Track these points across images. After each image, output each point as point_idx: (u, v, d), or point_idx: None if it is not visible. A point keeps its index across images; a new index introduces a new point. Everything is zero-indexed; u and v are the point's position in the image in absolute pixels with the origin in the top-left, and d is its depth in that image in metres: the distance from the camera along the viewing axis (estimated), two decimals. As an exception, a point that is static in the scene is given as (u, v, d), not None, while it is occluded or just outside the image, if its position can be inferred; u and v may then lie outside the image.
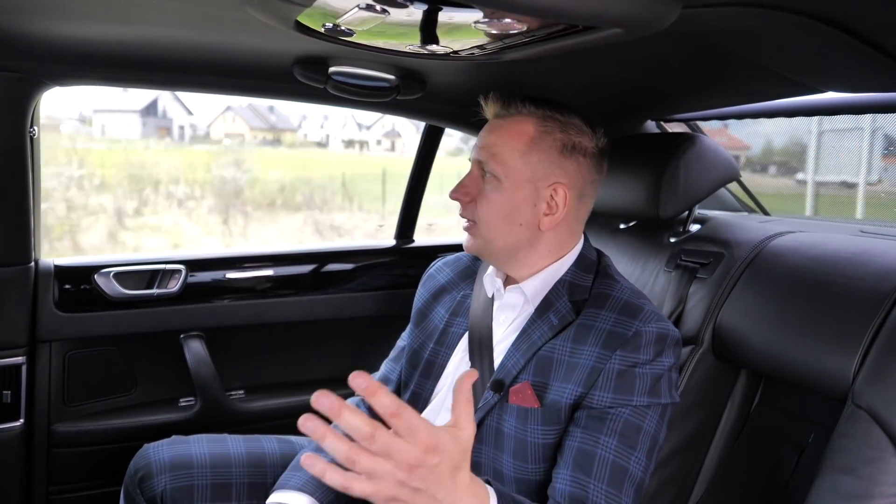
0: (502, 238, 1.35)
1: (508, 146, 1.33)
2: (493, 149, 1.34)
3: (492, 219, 1.34)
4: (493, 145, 1.34)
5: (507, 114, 1.37)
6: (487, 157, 1.34)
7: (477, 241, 1.37)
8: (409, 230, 2.54)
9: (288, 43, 1.46)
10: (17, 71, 1.64)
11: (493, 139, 1.35)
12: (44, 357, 1.94)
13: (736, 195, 2.16)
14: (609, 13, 0.92)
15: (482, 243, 1.37)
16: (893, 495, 1.07)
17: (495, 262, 1.41)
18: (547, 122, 1.34)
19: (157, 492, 1.40)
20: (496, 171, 1.33)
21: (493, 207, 1.34)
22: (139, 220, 7.88)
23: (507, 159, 1.33)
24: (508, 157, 1.33)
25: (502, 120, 1.37)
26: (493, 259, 1.41)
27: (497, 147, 1.34)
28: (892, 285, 1.26)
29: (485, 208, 1.34)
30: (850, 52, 1.05)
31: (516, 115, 1.36)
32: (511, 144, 1.33)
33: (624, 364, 1.22)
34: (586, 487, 1.17)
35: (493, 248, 1.37)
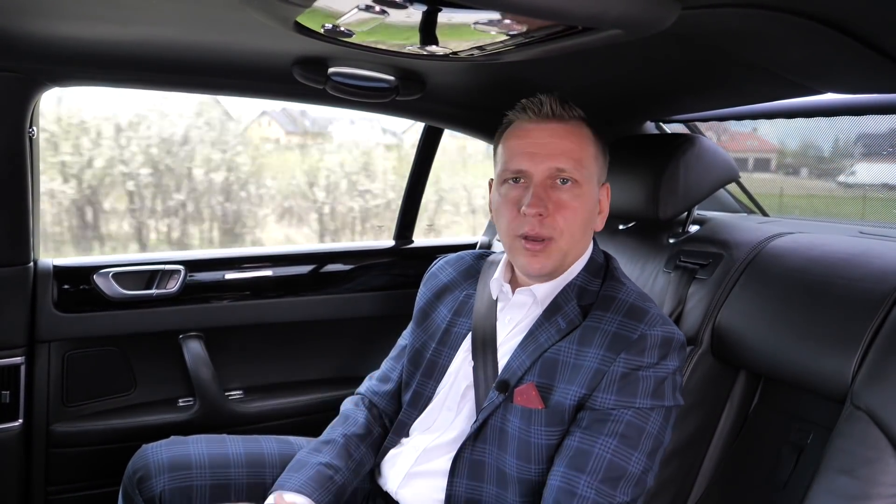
0: (578, 247, 1.34)
1: (586, 151, 1.31)
2: (574, 154, 1.30)
3: (575, 228, 1.30)
4: (572, 150, 1.30)
5: (568, 116, 1.33)
6: (572, 164, 1.29)
7: (554, 258, 1.31)
8: (408, 231, 2.55)
9: (287, 43, 1.46)
10: (16, 71, 1.64)
11: (569, 144, 1.30)
12: (42, 357, 1.94)
13: (735, 196, 2.16)
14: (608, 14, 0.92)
15: (560, 258, 1.31)
16: (892, 496, 1.07)
17: (552, 275, 1.35)
18: (590, 126, 1.35)
19: (155, 492, 1.40)
20: (580, 177, 1.29)
21: (577, 216, 1.30)
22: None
23: (587, 163, 1.31)
24: (587, 160, 1.31)
25: (564, 124, 1.32)
26: (556, 272, 1.35)
27: (577, 153, 1.30)
28: (891, 286, 1.26)
29: (569, 218, 1.29)
30: (849, 53, 1.05)
31: (574, 119, 1.33)
32: (587, 149, 1.32)
33: (628, 367, 1.22)
34: (576, 482, 1.17)
35: (566, 261, 1.33)
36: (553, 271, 1.33)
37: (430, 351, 1.48)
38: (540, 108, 1.32)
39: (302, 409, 2.23)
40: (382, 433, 1.53)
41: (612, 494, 1.17)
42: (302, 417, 2.22)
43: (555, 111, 1.31)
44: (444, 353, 1.46)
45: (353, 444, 1.47)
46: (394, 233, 2.55)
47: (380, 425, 1.55)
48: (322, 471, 1.38)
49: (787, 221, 1.82)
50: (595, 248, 1.41)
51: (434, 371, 1.45)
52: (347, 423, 1.53)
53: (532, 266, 1.31)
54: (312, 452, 1.44)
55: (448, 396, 1.41)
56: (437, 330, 1.49)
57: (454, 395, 1.40)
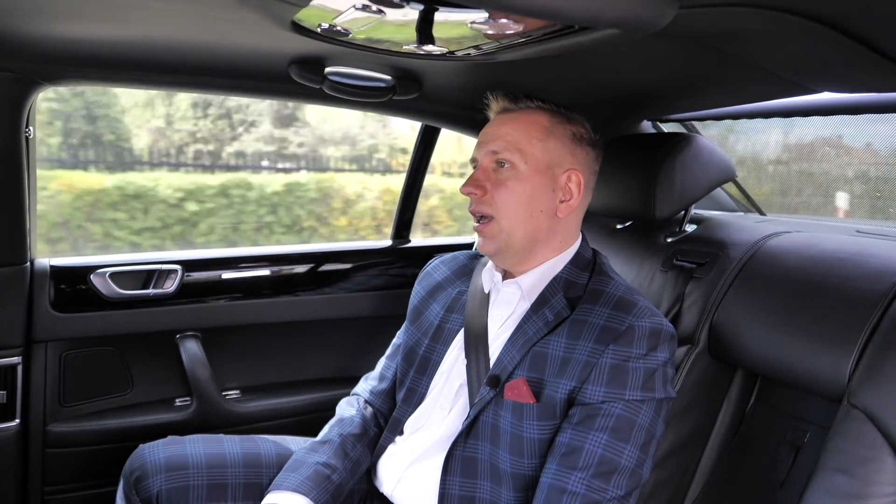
0: (523, 227, 1.35)
1: (525, 133, 1.35)
2: (509, 137, 1.35)
3: (512, 207, 1.34)
4: (507, 134, 1.35)
5: (516, 107, 1.39)
6: (504, 145, 1.34)
7: (496, 239, 1.35)
8: (405, 230, 2.55)
9: (284, 43, 1.46)
10: (11, 71, 1.63)
11: (506, 129, 1.36)
12: (39, 357, 1.93)
13: (732, 195, 2.16)
14: (605, 14, 0.92)
15: (503, 239, 1.35)
16: (888, 495, 1.07)
17: (512, 259, 1.39)
18: (555, 115, 1.38)
19: (152, 492, 1.40)
20: (514, 159, 1.33)
21: (512, 196, 1.34)
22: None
23: (526, 146, 1.34)
24: (526, 144, 1.34)
25: (512, 113, 1.39)
26: (511, 255, 1.38)
27: (513, 135, 1.35)
28: (887, 285, 1.26)
29: (504, 198, 1.34)
30: (846, 52, 1.06)
31: (526, 109, 1.39)
32: (528, 132, 1.35)
33: (616, 358, 1.22)
34: (567, 479, 1.18)
35: (514, 241, 1.35)
36: (499, 251, 1.37)
37: (423, 348, 1.48)
38: (495, 102, 1.42)
39: (299, 409, 2.23)
40: (378, 433, 1.53)
41: (605, 489, 1.17)
42: (299, 417, 2.22)
43: (503, 104, 1.41)
44: (437, 349, 1.46)
45: (350, 444, 1.47)
46: (391, 232, 2.55)
47: (375, 425, 1.55)
48: (319, 470, 1.38)
49: (784, 220, 1.82)
50: (583, 244, 1.43)
51: (427, 367, 1.46)
52: (343, 423, 1.53)
53: (480, 245, 1.39)
54: (309, 452, 1.44)
55: (441, 394, 1.42)
56: (430, 327, 1.50)
57: (447, 392, 1.41)
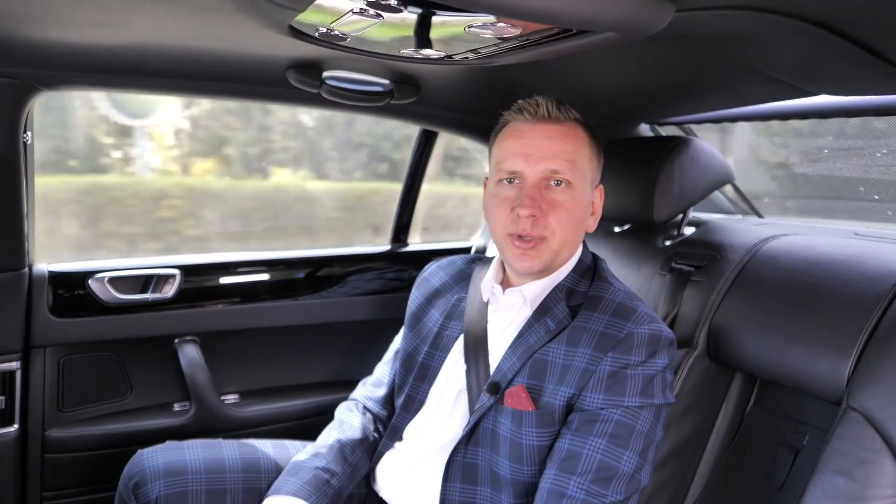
0: (570, 247, 1.35)
1: (581, 152, 1.32)
2: (569, 155, 1.30)
3: (568, 229, 1.31)
4: (567, 152, 1.31)
5: (563, 118, 1.34)
6: (566, 165, 1.30)
7: (544, 257, 1.32)
8: (403, 234, 2.55)
9: (282, 47, 1.46)
10: (10, 76, 1.63)
11: (564, 146, 1.31)
12: (38, 362, 1.93)
13: (730, 198, 2.16)
14: (603, 17, 0.92)
15: (550, 258, 1.32)
16: (888, 497, 1.07)
17: (544, 273, 1.37)
18: (587, 129, 1.37)
19: (151, 498, 1.40)
20: (574, 179, 1.30)
21: (570, 216, 1.31)
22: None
23: (582, 165, 1.32)
24: (582, 162, 1.32)
25: (559, 125, 1.33)
26: (546, 272, 1.36)
27: (570, 153, 1.31)
28: (885, 287, 1.26)
29: (562, 219, 1.30)
30: (843, 55, 1.06)
31: (569, 121, 1.34)
32: (582, 150, 1.33)
33: (615, 365, 1.22)
34: (566, 484, 1.17)
35: (558, 260, 1.34)
36: (543, 270, 1.34)
37: (423, 354, 1.48)
38: (536, 109, 1.33)
39: (298, 414, 2.23)
40: (377, 438, 1.53)
41: (604, 494, 1.17)
42: (298, 421, 2.22)
43: (551, 113, 1.32)
44: (436, 356, 1.46)
45: (349, 449, 1.47)
46: (390, 236, 2.55)
47: (374, 430, 1.55)
48: (318, 475, 1.38)
49: (783, 223, 1.82)
50: (584, 250, 1.42)
51: (426, 374, 1.45)
52: (342, 427, 1.53)
53: (522, 264, 1.32)
54: (308, 457, 1.44)
55: (441, 401, 1.41)
56: (429, 333, 1.49)
57: (447, 399, 1.40)
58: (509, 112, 1.38)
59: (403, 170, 2.48)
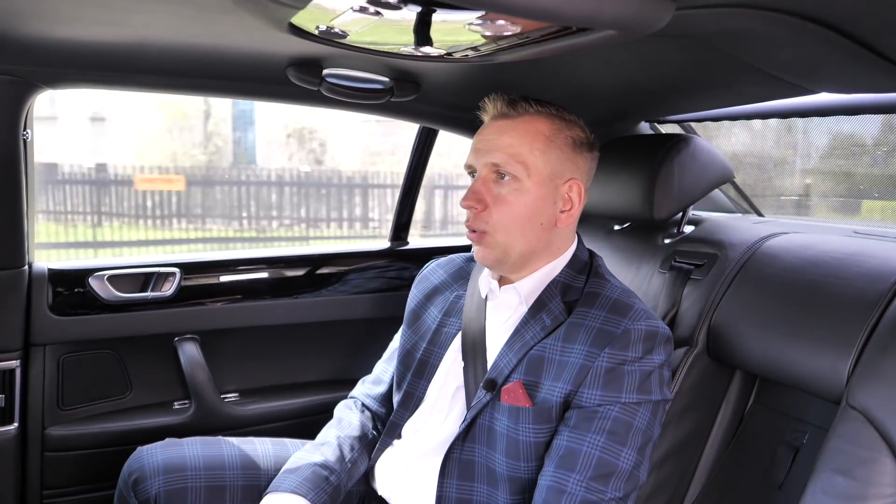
0: (522, 241, 1.33)
1: (528, 145, 1.31)
2: (512, 149, 1.30)
3: (512, 223, 1.31)
4: (510, 145, 1.31)
5: (516, 113, 1.34)
6: (506, 158, 1.30)
7: (494, 250, 1.33)
8: (403, 232, 2.55)
9: (281, 45, 1.46)
10: (10, 74, 1.63)
11: (507, 139, 1.31)
12: (38, 361, 1.93)
13: (730, 196, 2.16)
14: (603, 15, 0.92)
15: (500, 252, 1.33)
16: (888, 496, 1.07)
17: (510, 269, 1.38)
18: (554, 120, 1.35)
19: (150, 495, 1.40)
20: (517, 172, 1.30)
21: (513, 211, 1.31)
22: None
23: (528, 159, 1.30)
24: (529, 156, 1.31)
25: (511, 120, 1.33)
26: (508, 266, 1.37)
27: (515, 146, 1.30)
28: (885, 286, 1.26)
29: (503, 213, 1.31)
30: (843, 52, 1.06)
31: (525, 115, 1.33)
32: (530, 143, 1.31)
33: (612, 362, 1.22)
34: (566, 481, 1.18)
35: (512, 254, 1.34)
36: (496, 263, 1.35)
37: (421, 351, 1.48)
38: (492, 105, 1.36)
39: (297, 412, 2.23)
40: (376, 435, 1.53)
41: (604, 490, 1.17)
42: (297, 420, 2.22)
43: (500, 109, 1.35)
44: (435, 352, 1.46)
45: (348, 446, 1.47)
46: (389, 234, 2.55)
47: (373, 428, 1.55)
48: (317, 471, 1.38)
49: (782, 221, 1.82)
50: (580, 246, 1.42)
51: (425, 371, 1.45)
52: (342, 425, 1.53)
53: (476, 255, 1.36)
54: (307, 454, 1.44)
55: (438, 398, 1.41)
56: (428, 330, 1.50)
57: (444, 396, 1.41)
58: (479, 111, 1.40)
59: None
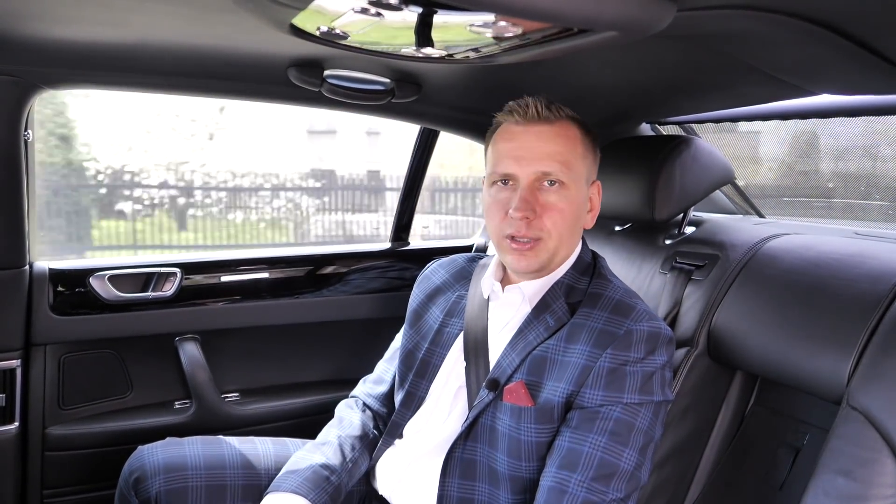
0: (566, 246, 1.35)
1: (574, 151, 1.32)
2: (561, 156, 1.30)
3: (563, 229, 1.32)
4: (559, 153, 1.30)
5: (554, 118, 1.33)
6: (558, 166, 1.30)
7: (541, 256, 1.32)
8: (404, 233, 2.55)
9: (283, 46, 1.46)
10: (10, 74, 1.63)
11: (553, 146, 1.31)
12: (38, 360, 1.93)
13: (731, 197, 2.16)
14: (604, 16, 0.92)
15: (547, 257, 1.33)
16: (888, 497, 1.07)
17: (542, 272, 1.37)
18: (580, 125, 1.36)
19: (151, 494, 1.40)
20: (567, 179, 1.30)
21: (563, 217, 1.31)
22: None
23: (574, 164, 1.32)
24: (574, 161, 1.32)
25: (550, 125, 1.32)
26: (545, 270, 1.37)
27: (562, 153, 1.31)
28: (886, 287, 1.26)
29: (555, 220, 1.30)
30: (844, 54, 1.06)
31: (560, 120, 1.33)
32: (575, 149, 1.33)
33: (614, 362, 1.23)
34: (567, 481, 1.18)
35: (556, 258, 1.35)
36: (540, 268, 1.35)
37: (423, 351, 1.48)
38: (526, 110, 1.33)
39: (298, 412, 2.23)
40: (377, 435, 1.53)
41: (605, 491, 1.17)
42: (298, 419, 2.22)
43: (541, 113, 1.32)
44: (437, 352, 1.46)
45: (349, 446, 1.47)
46: (390, 235, 2.55)
47: (374, 427, 1.55)
48: (318, 471, 1.38)
49: (783, 223, 1.82)
50: (583, 247, 1.42)
51: (426, 371, 1.46)
52: (342, 424, 1.53)
53: (519, 263, 1.33)
54: (308, 453, 1.44)
55: (440, 398, 1.42)
56: (430, 330, 1.50)
57: (446, 396, 1.41)
58: (501, 114, 1.37)
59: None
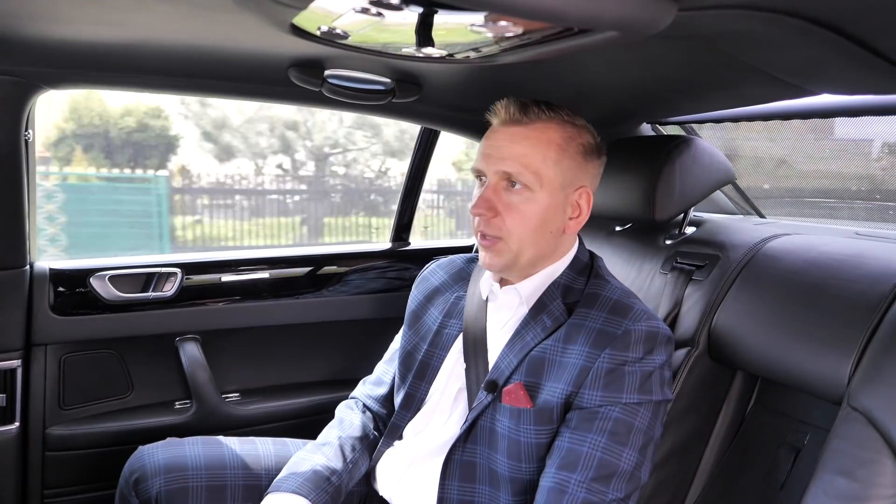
0: (532, 249, 1.33)
1: (540, 155, 1.30)
2: (525, 159, 1.30)
3: (524, 231, 1.31)
4: (523, 155, 1.30)
5: (528, 119, 1.32)
6: (519, 169, 1.29)
7: (504, 256, 1.33)
8: (404, 233, 2.55)
9: (283, 46, 1.46)
10: (11, 74, 1.63)
11: (520, 149, 1.30)
12: (39, 360, 1.93)
13: (731, 198, 2.16)
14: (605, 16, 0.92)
15: (510, 258, 1.33)
16: (889, 497, 1.07)
17: (517, 274, 1.38)
18: (566, 128, 1.34)
19: (151, 494, 1.40)
20: (529, 182, 1.29)
21: (525, 219, 1.31)
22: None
23: (541, 169, 1.30)
24: (541, 166, 1.30)
25: (523, 127, 1.32)
26: (516, 271, 1.37)
27: (528, 156, 1.30)
28: (887, 287, 1.26)
29: (516, 221, 1.30)
30: (845, 54, 1.06)
31: (537, 122, 1.32)
32: (543, 153, 1.30)
33: (613, 362, 1.22)
34: (567, 481, 1.18)
35: (521, 261, 1.34)
36: (505, 268, 1.35)
37: (422, 353, 1.48)
38: (502, 111, 1.34)
39: (298, 412, 2.23)
40: (377, 436, 1.53)
41: (605, 491, 1.17)
42: (298, 420, 2.22)
43: (512, 115, 1.32)
44: (436, 354, 1.46)
45: (349, 447, 1.47)
46: (390, 235, 2.55)
47: (374, 428, 1.55)
48: (319, 472, 1.38)
49: (784, 223, 1.82)
50: (581, 248, 1.42)
51: (426, 372, 1.45)
52: (343, 425, 1.53)
53: (484, 261, 1.35)
54: (309, 454, 1.44)
55: (441, 400, 1.41)
56: (429, 332, 1.50)
57: (447, 397, 1.41)
58: (488, 114, 1.38)
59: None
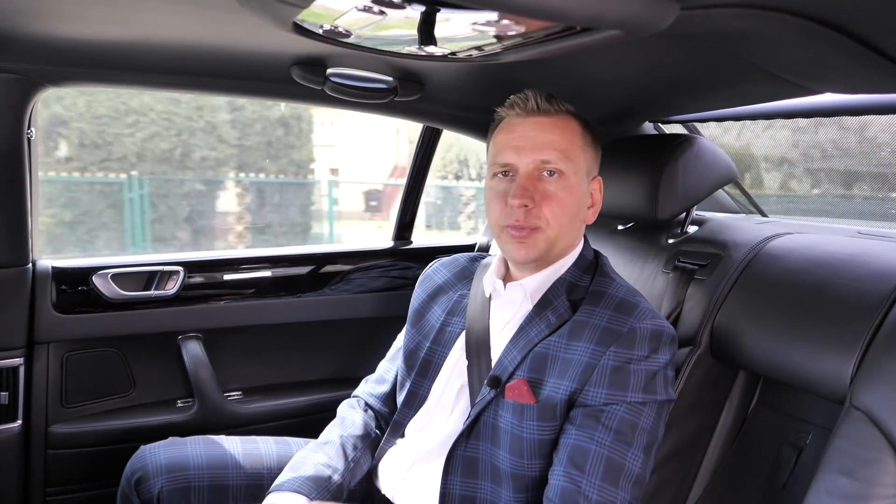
0: (566, 237, 1.35)
1: (571, 142, 1.33)
2: (558, 144, 1.31)
3: (562, 219, 1.32)
4: (556, 142, 1.31)
5: (554, 110, 1.35)
6: (557, 155, 1.31)
7: (540, 246, 1.32)
8: (406, 231, 2.55)
9: (286, 44, 1.46)
10: (13, 72, 1.64)
11: (553, 136, 1.32)
12: (41, 358, 1.93)
13: (734, 197, 2.16)
14: (607, 15, 0.92)
15: (545, 247, 1.33)
16: (891, 496, 1.07)
17: (543, 264, 1.38)
18: (581, 121, 1.37)
19: (153, 493, 1.40)
20: (566, 168, 1.31)
21: (563, 207, 1.32)
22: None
23: (574, 155, 1.33)
24: (573, 152, 1.33)
25: (550, 117, 1.34)
26: (544, 262, 1.37)
27: (561, 143, 1.32)
28: (889, 286, 1.26)
29: (555, 209, 1.31)
30: (847, 53, 1.05)
31: (561, 113, 1.35)
32: (573, 140, 1.33)
33: (618, 360, 1.22)
34: (579, 482, 1.17)
35: (555, 249, 1.35)
36: (539, 258, 1.35)
37: (425, 350, 1.48)
38: (526, 103, 1.34)
39: (300, 410, 2.23)
40: (379, 435, 1.53)
41: (615, 492, 1.17)
42: (300, 418, 2.22)
43: (540, 106, 1.34)
44: (439, 351, 1.46)
45: (351, 445, 1.47)
46: (393, 234, 2.55)
47: (377, 427, 1.55)
48: (320, 471, 1.38)
49: (786, 222, 1.82)
50: (586, 245, 1.43)
51: (428, 370, 1.45)
52: (345, 424, 1.53)
53: (518, 253, 1.33)
54: (310, 453, 1.44)
55: (442, 397, 1.41)
56: (432, 330, 1.50)
57: (448, 394, 1.41)
58: (503, 108, 1.39)
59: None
